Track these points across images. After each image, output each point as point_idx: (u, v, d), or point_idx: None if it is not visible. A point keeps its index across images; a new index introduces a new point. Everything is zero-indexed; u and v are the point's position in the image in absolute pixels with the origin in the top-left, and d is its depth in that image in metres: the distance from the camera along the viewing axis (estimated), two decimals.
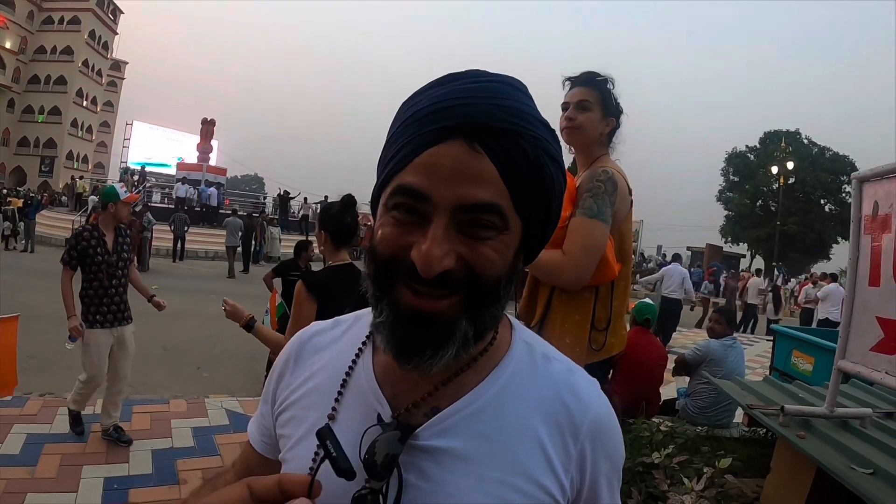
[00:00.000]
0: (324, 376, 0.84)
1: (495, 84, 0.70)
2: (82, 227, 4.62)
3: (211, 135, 31.76)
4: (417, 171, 0.66)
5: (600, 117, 2.45)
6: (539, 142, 0.69)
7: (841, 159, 44.63)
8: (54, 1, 60.76)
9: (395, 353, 0.69)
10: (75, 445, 4.49)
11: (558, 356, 0.84)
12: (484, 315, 0.69)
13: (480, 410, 0.75)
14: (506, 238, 0.68)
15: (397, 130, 0.72)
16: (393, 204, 0.68)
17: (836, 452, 2.75)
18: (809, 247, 43.38)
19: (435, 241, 0.63)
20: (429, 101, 0.69)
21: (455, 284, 0.66)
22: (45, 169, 58.60)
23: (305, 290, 2.75)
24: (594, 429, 0.78)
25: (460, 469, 0.72)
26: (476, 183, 0.65)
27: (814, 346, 6.03)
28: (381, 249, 0.69)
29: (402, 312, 0.67)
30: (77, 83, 60.61)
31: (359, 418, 0.75)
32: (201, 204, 24.61)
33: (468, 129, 0.65)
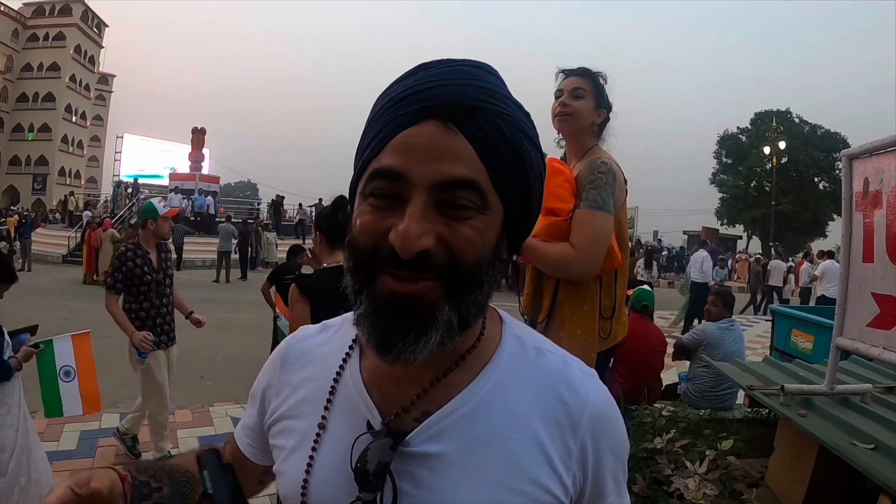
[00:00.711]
0: (312, 385, 0.83)
1: (465, 67, 0.70)
2: (125, 247, 4.41)
3: (202, 143, 31.67)
4: (393, 152, 0.66)
5: (593, 107, 2.46)
6: (515, 120, 0.69)
7: (833, 136, 44.56)
8: (38, 18, 60.68)
9: (376, 344, 0.67)
10: (84, 461, 4.50)
11: (552, 348, 0.82)
12: (467, 301, 0.67)
13: (472, 411, 0.73)
14: (486, 219, 0.67)
15: (372, 120, 0.72)
16: (370, 190, 0.67)
17: (838, 429, 2.77)
18: (805, 225, 43.37)
19: (413, 219, 0.62)
20: (401, 88, 0.69)
21: (435, 267, 0.64)
22: (38, 186, 58.55)
23: (298, 292, 2.76)
24: (594, 422, 0.75)
25: (455, 474, 0.70)
26: (452, 159, 0.65)
27: (813, 324, 6.05)
28: (360, 239, 0.68)
29: (381, 300, 0.66)
30: (65, 99, 60.51)
31: (349, 426, 0.75)
32: (195, 213, 24.56)
33: (441, 109, 0.65)
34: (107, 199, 28.87)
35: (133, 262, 4.29)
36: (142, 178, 29.91)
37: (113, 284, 4.30)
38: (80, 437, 4.93)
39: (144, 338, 4.19)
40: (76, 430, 5.02)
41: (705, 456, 2.76)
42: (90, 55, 65.26)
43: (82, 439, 4.89)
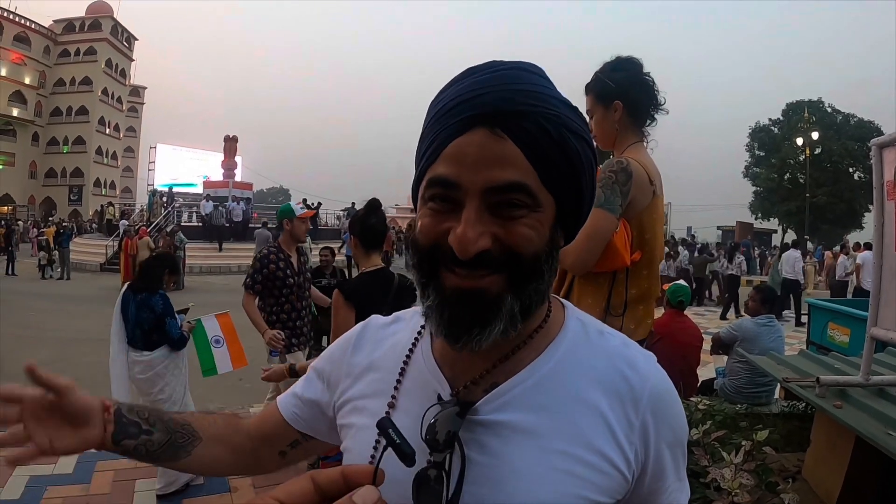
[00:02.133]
0: (384, 368, 0.87)
1: (510, 71, 0.73)
2: (267, 249, 4.45)
3: (234, 151, 32.02)
4: (446, 161, 0.71)
5: (603, 113, 2.47)
6: (560, 119, 0.72)
7: (867, 125, 43.45)
8: (69, 34, 61.99)
9: (444, 334, 0.73)
10: (127, 461, 4.57)
11: (612, 332, 0.86)
12: (528, 291, 0.72)
13: (539, 383, 0.77)
14: (539, 215, 0.72)
15: (426, 128, 0.77)
16: (429, 196, 0.73)
17: (874, 420, 2.75)
18: (840, 217, 42.42)
19: (468, 224, 0.67)
20: (451, 96, 0.74)
21: (495, 264, 0.69)
22: (74, 197, 59.76)
23: (343, 299, 2.82)
24: (655, 399, 0.79)
25: (522, 442, 0.74)
26: (502, 165, 0.69)
27: (849, 317, 5.99)
28: (421, 239, 0.74)
29: (447, 294, 0.72)
30: (98, 112, 61.69)
31: (419, 401, 0.78)
32: (229, 220, 24.88)
33: (489, 116, 0.69)
34: (142, 208, 29.34)
35: (275, 265, 4.33)
36: (176, 187, 30.36)
37: (252, 285, 4.34)
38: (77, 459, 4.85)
39: (274, 336, 4.23)
40: None
41: (741, 447, 2.78)
42: (121, 68, 66.47)
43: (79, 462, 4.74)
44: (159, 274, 4.45)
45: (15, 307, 11.28)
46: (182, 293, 16.41)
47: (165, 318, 4.24)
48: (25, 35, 57.83)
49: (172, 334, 4.27)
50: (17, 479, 4.14)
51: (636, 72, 2.44)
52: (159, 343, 4.23)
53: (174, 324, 4.31)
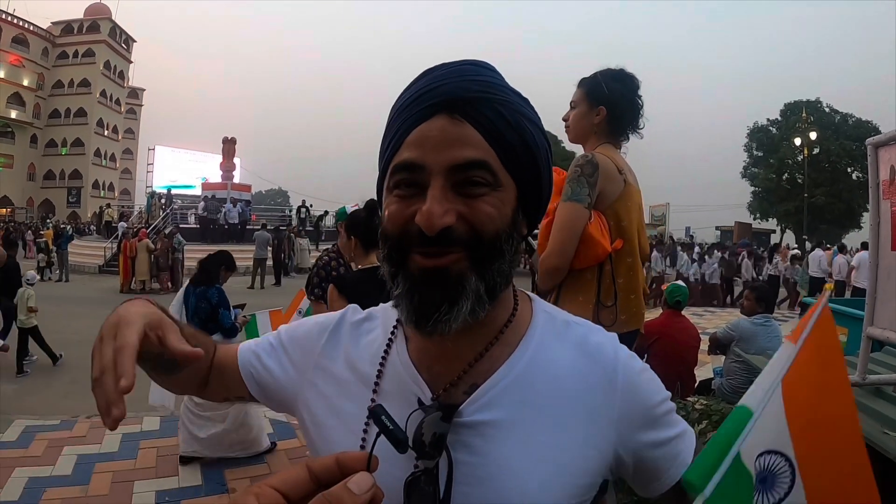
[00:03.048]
0: (358, 369, 0.88)
1: (465, 66, 0.79)
2: (328, 256, 4.27)
3: (233, 153, 32.02)
4: (409, 147, 0.75)
5: (586, 111, 2.56)
6: (513, 105, 0.77)
7: (864, 125, 43.42)
8: (67, 36, 62.16)
9: (415, 318, 0.74)
10: (126, 462, 4.66)
11: (577, 320, 0.90)
12: (491, 270, 0.75)
13: (516, 380, 0.80)
14: (500, 194, 0.75)
15: (389, 123, 0.81)
16: (394, 183, 0.76)
17: (871, 419, 2.76)
18: (839, 217, 42.42)
19: (434, 200, 0.71)
20: (411, 92, 0.79)
21: (459, 241, 0.72)
22: (73, 199, 59.86)
23: (337, 292, 2.86)
24: (626, 377, 0.83)
25: (506, 438, 0.77)
26: (462, 145, 0.73)
27: (846, 316, 5.98)
28: (389, 227, 0.76)
29: (415, 277, 0.74)
30: (97, 114, 61.80)
31: (399, 404, 0.79)
32: (227, 222, 24.87)
33: (447, 104, 0.74)
34: (141, 210, 29.31)
35: (336, 272, 4.32)
36: (174, 189, 30.36)
37: (321, 294, 4.19)
38: (122, 439, 5.10)
39: None
40: (118, 433, 5.18)
41: None
42: (119, 70, 66.59)
43: (124, 441, 5.06)
44: (216, 269, 5.22)
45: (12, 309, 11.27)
46: None
47: (219, 308, 4.95)
48: (24, 37, 57.90)
49: (225, 323, 4.94)
50: (15, 481, 4.15)
51: (632, 90, 2.55)
52: (213, 332, 4.78)
53: (227, 314, 4.99)
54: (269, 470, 4.62)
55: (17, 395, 6.60)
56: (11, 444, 4.88)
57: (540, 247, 2.51)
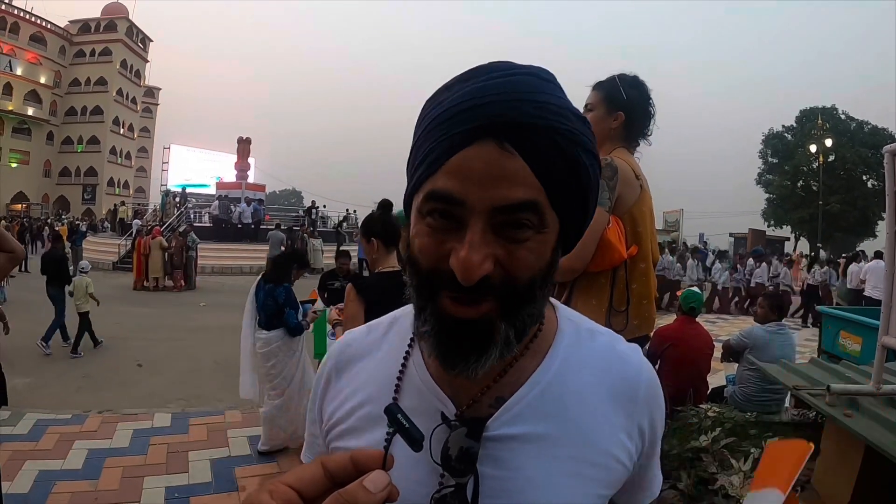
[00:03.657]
0: (373, 386, 0.84)
1: (523, 77, 0.67)
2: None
3: (247, 153, 32.26)
4: (449, 175, 0.64)
5: (604, 114, 2.55)
6: (573, 135, 0.67)
7: (880, 132, 43.04)
8: (84, 34, 62.75)
9: (441, 361, 0.70)
10: (136, 458, 4.69)
11: (600, 329, 0.87)
12: (521, 316, 0.69)
13: (543, 393, 0.77)
14: (543, 237, 0.67)
15: (424, 132, 0.70)
16: (427, 210, 0.67)
17: (884, 429, 2.74)
18: (854, 225, 42.00)
19: (473, 248, 0.62)
20: (454, 100, 0.67)
21: (493, 289, 0.65)
22: (88, 196, 60.33)
23: (355, 293, 2.85)
24: (649, 392, 0.82)
25: (534, 452, 0.74)
26: (510, 183, 0.63)
27: (861, 325, 5.94)
28: (421, 261, 0.68)
29: (445, 322, 0.68)
30: (113, 112, 62.30)
31: (421, 419, 0.70)
32: (240, 221, 25.01)
33: (498, 127, 0.63)
34: (155, 208, 29.49)
35: None
36: (189, 188, 30.53)
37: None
38: (132, 435, 5.13)
39: None
40: (129, 429, 5.23)
41: (750, 454, 2.77)
42: (136, 69, 67.12)
43: (135, 437, 5.09)
44: (288, 268, 5.32)
45: (28, 304, 11.38)
46: (194, 293, 16.56)
47: (285, 307, 5.05)
48: (41, 35, 58.50)
49: (290, 322, 5.05)
50: (25, 474, 4.19)
51: (646, 97, 2.56)
52: (278, 326, 5.06)
53: (292, 314, 5.07)
54: (279, 468, 4.65)
55: (30, 389, 6.64)
56: (23, 437, 4.92)
57: None
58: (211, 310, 12.99)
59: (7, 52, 54.18)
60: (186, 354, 8.79)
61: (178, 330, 10.42)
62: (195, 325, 11.03)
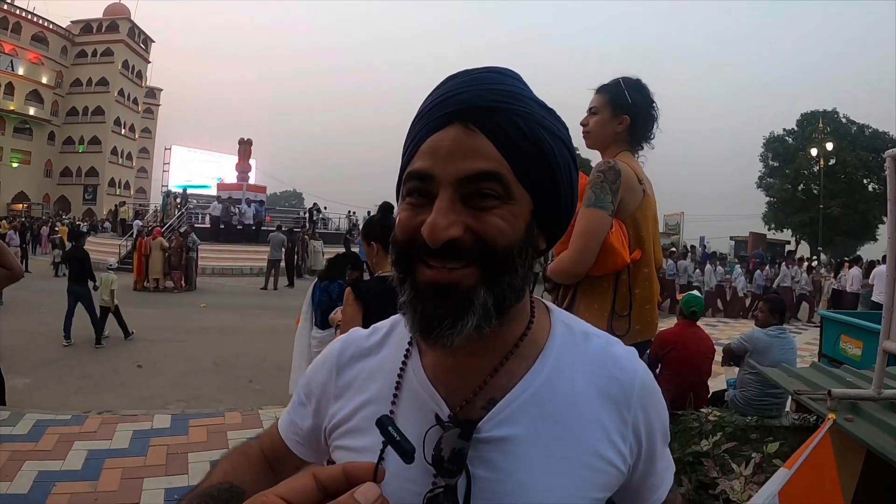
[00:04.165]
0: (374, 386, 0.86)
1: (486, 73, 0.77)
2: None
3: (248, 154, 32.26)
4: (422, 156, 0.73)
5: (609, 118, 2.55)
6: (532, 116, 0.74)
7: (881, 136, 42.92)
8: (86, 35, 62.82)
9: (418, 328, 0.73)
10: (136, 459, 4.67)
11: (596, 332, 0.88)
12: (501, 285, 0.72)
13: (536, 395, 0.78)
14: (512, 208, 0.73)
15: (409, 131, 0.79)
16: (406, 191, 0.75)
17: (886, 434, 2.73)
18: (854, 229, 41.88)
19: (440, 213, 0.69)
20: (431, 99, 0.77)
21: (467, 255, 0.70)
22: (89, 197, 60.36)
23: (353, 297, 2.84)
24: (643, 395, 0.83)
25: (526, 454, 0.76)
26: (474, 157, 0.71)
27: (862, 329, 5.93)
28: (399, 234, 0.75)
29: (420, 288, 0.72)
30: (114, 112, 62.35)
31: (417, 420, 0.78)
32: (241, 222, 25.02)
33: (462, 112, 0.72)
34: (156, 209, 29.51)
35: None
36: (190, 189, 30.56)
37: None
38: (132, 436, 5.11)
39: None
40: (129, 430, 5.21)
41: (751, 459, 2.76)
42: (137, 70, 67.20)
43: (134, 438, 5.07)
44: (342, 267, 5.49)
45: (28, 305, 11.38)
46: (194, 294, 16.56)
47: (338, 302, 5.08)
48: (43, 35, 58.55)
49: None
50: (25, 475, 4.18)
51: (649, 101, 2.56)
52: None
53: None
54: None
55: (29, 389, 6.64)
56: (22, 437, 4.90)
57: (556, 250, 2.50)
58: (211, 311, 13.01)
59: (9, 52, 54.23)
60: (186, 355, 8.79)
61: (178, 331, 10.42)
62: (195, 325, 11.02)
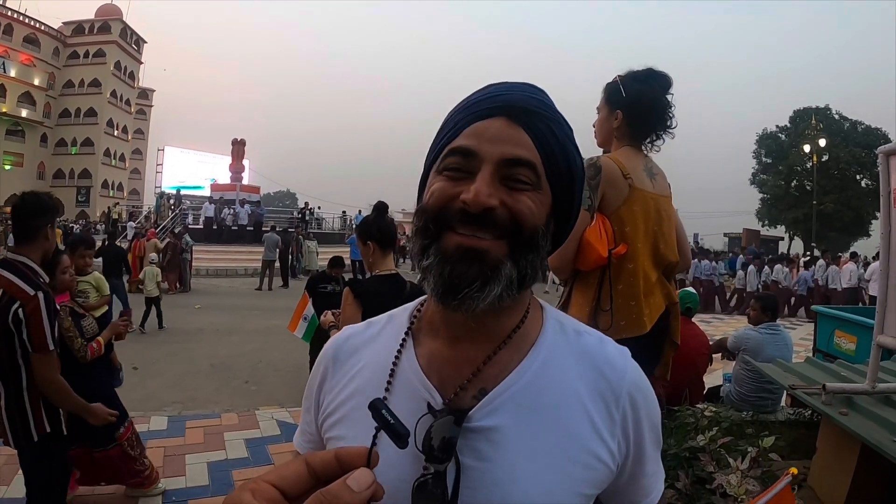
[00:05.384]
0: (367, 375, 0.88)
1: (526, 85, 0.86)
2: None
3: (242, 155, 32.18)
4: (466, 136, 0.80)
5: (606, 115, 2.58)
6: (562, 126, 0.84)
7: (874, 132, 43.09)
8: (78, 36, 62.47)
9: (444, 289, 0.76)
10: None
11: (588, 330, 0.91)
12: (525, 260, 0.78)
13: (526, 387, 0.81)
14: (539, 196, 0.80)
15: (446, 121, 0.86)
16: (444, 166, 0.81)
17: (880, 427, 2.76)
18: (848, 225, 42.05)
19: (483, 181, 0.75)
20: (475, 97, 0.84)
21: (499, 227, 0.76)
22: (82, 199, 60.10)
23: (352, 296, 2.85)
24: (632, 393, 0.84)
25: (513, 445, 0.77)
26: (516, 144, 0.78)
27: (856, 324, 5.97)
28: (431, 202, 0.79)
29: (450, 252, 0.76)
30: (107, 114, 62.07)
31: (409, 409, 0.79)
32: (236, 223, 24.98)
33: (508, 109, 0.80)
34: (149, 210, 29.42)
35: None
36: (183, 190, 30.50)
37: None
38: None
39: None
40: None
41: (747, 453, 2.78)
42: (130, 71, 66.90)
43: None
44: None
45: None
46: (189, 295, 16.50)
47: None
48: (35, 37, 58.19)
49: None
50: (21, 478, 4.15)
51: (656, 89, 2.51)
52: None
53: None
54: None
55: None
56: None
57: None
58: (206, 312, 12.98)
59: (1, 54, 53.96)
60: (182, 357, 8.77)
61: (173, 332, 10.39)
62: (191, 327, 10.99)
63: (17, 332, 2.65)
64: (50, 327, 2.69)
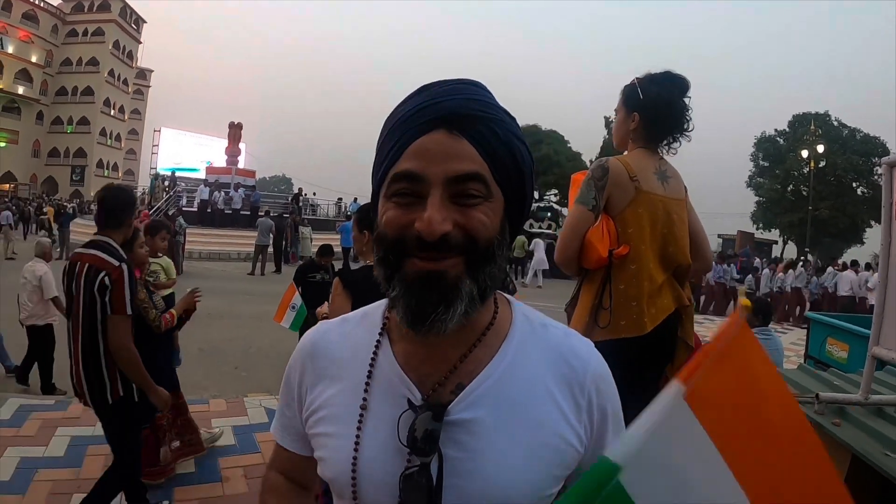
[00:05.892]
0: (347, 373, 0.92)
1: (462, 85, 0.85)
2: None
3: (238, 138, 32.09)
4: (410, 157, 0.79)
5: (623, 117, 2.60)
6: (505, 124, 0.84)
7: (872, 141, 43.33)
8: (77, 14, 62.31)
9: (412, 318, 0.79)
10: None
11: (554, 323, 0.96)
12: (483, 274, 0.80)
13: (499, 380, 0.86)
14: (492, 205, 0.81)
15: (386, 136, 0.85)
16: (392, 192, 0.81)
17: (872, 439, 2.74)
18: (843, 231, 42.23)
19: (434, 208, 0.76)
20: (410, 106, 0.83)
21: (455, 248, 0.77)
22: (77, 178, 59.96)
23: (341, 286, 2.81)
24: (596, 380, 0.90)
25: (492, 435, 0.82)
26: (460, 159, 0.78)
27: (848, 333, 5.96)
28: (388, 232, 0.80)
29: (412, 279, 0.78)
30: (104, 93, 61.97)
31: (390, 405, 0.85)
32: (230, 207, 24.91)
33: (447, 119, 0.79)
34: (144, 191, 29.29)
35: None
36: (179, 171, 30.37)
37: None
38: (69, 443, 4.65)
39: None
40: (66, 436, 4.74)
41: None
42: (128, 50, 66.78)
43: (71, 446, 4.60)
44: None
45: (14, 289, 11.28)
46: (181, 278, 16.36)
47: None
48: (34, 13, 57.99)
49: None
50: (7, 461, 4.13)
51: (673, 92, 2.53)
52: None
53: None
54: (263, 459, 4.57)
55: None
56: (5, 422, 4.84)
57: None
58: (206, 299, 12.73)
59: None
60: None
61: None
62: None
63: (100, 298, 2.98)
64: (130, 295, 3.04)
